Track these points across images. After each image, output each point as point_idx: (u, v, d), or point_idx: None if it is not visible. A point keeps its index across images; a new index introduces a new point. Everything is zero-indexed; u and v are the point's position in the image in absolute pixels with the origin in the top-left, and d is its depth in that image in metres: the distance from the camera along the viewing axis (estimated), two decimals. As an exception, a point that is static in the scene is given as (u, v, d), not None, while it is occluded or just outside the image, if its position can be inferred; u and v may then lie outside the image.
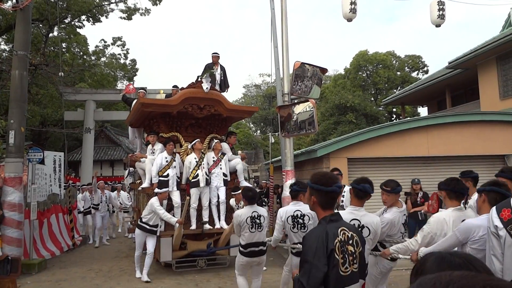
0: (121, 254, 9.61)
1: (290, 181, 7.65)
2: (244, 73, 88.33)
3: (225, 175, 7.74)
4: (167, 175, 7.35)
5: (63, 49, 19.67)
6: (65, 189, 10.76)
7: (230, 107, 8.06)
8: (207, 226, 7.44)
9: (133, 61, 26.46)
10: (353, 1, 7.83)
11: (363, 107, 26.86)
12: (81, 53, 22.83)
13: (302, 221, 4.46)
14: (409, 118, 18.67)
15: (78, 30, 21.42)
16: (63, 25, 20.08)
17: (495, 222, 2.62)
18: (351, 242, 2.25)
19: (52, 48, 19.48)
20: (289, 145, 8.21)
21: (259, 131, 43.28)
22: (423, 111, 27.39)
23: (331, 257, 2.13)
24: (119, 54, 24.56)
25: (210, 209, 7.58)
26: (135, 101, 9.00)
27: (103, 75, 22.70)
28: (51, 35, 19.38)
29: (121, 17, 20.09)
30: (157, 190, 7.15)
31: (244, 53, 79.58)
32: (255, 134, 41.14)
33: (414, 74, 31.65)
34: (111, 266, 8.20)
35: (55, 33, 20.16)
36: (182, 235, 7.08)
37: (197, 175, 7.36)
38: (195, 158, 7.48)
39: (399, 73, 31.11)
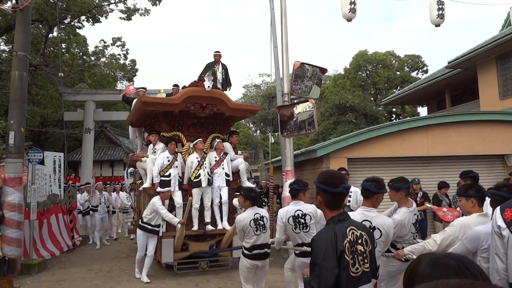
0: (121, 254, 9.61)
1: (290, 181, 7.62)
2: (244, 73, 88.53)
3: (227, 175, 7.65)
4: (169, 175, 7.28)
5: (63, 50, 19.67)
6: (65, 190, 10.76)
7: (232, 106, 7.96)
8: (209, 227, 7.35)
9: (133, 62, 26.42)
10: (353, 1, 7.81)
11: (363, 107, 26.86)
12: (81, 53, 22.80)
13: (303, 221, 4.34)
14: (408, 118, 18.63)
15: (77, 30, 21.40)
16: (62, 26, 20.04)
17: (498, 222, 2.63)
18: (361, 241, 2.21)
19: (51, 48, 19.44)
20: (289, 145, 8.19)
21: (259, 131, 43.29)
22: (423, 111, 27.46)
23: (341, 259, 2.09)
24: (119, 54, 24.49)
25: (212, 210, 7.48)
26: (135, 101, 8.88)
27: (103, 75, 22.68)
28: (50, 35, 19.34)
29: (121, 18, 20.07)
30: (159, 189, 7.06)
31: (244, 53, 79.65)
32: (255, 134, 41.13)
33: (413, 74, 31.66)
34: (111, 266, 8.19)
35: (55, 34, 20.13)
36: (184, 236, 6.97)
37: (199, 175, 7.30)
38: (197, 158, 7.42)
39: (398, 73, 31.10)
